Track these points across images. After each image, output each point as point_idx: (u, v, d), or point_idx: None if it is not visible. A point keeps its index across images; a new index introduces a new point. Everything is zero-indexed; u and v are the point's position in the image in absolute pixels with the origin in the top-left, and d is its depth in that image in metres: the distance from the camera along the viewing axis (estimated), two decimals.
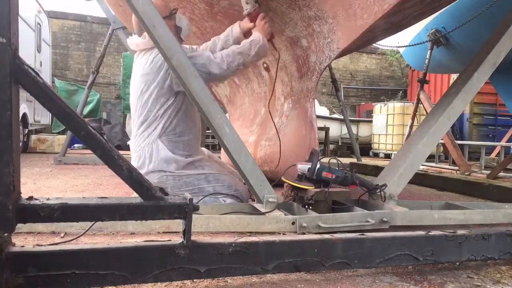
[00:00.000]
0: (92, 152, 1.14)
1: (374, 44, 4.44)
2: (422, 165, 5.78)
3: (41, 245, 1.21)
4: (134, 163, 2.38)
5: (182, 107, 2.37)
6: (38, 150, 7.27)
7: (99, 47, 11.61)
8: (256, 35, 2.40)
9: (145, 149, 2.34)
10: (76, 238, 1.59)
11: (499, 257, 1.60)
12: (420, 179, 4.15)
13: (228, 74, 2.35)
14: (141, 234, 1.79)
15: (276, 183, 2.33)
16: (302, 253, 1.33)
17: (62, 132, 9.25)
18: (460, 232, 1.56)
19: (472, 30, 4.32)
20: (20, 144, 3.71)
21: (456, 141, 5.44)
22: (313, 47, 2.70)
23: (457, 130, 9.84)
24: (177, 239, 1.20)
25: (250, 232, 1.84)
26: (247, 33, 2.50)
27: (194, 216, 1.28)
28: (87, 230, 1.56)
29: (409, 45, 5.68)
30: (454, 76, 8.65)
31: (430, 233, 1.52)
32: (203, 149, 2.70)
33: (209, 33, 3.28)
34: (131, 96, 2.50)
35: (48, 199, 1.08)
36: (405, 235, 1.50)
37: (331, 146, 9.60)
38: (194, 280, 1.29)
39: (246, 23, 2.49)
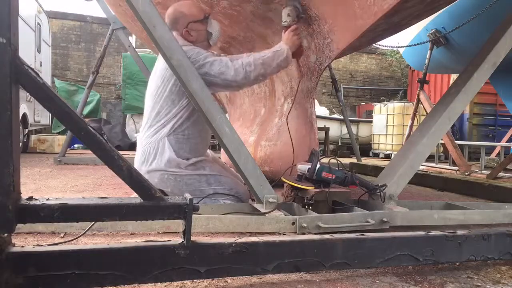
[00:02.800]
0: (92, 152, 1.14)
1: (374, 44, 4.44)
2: (422, 165, 5.79)
3: (41, 245, 1.20)
4: (138, 158, 2.38)
5: (195, 110, 2.33)
6: (38, 150, 7.27)
7: (99, 47, 11.61)
8: (282, 46, 2.31)
9: (151, 146, 2.33)
10: (76, 238, 1.59)
11: (499, 257, 1.60)
12: (420, 179, 4.15)
13: (246, 83, 2.27)
14: (141, 234, 1.79)
15: (276, 184, 2.33)
16: (302, 253, 1.33)
17: (62, 132, 9.26)
18: (460, 232, 1.56)
19: (472, 30, 4.32)
20: (20, 144, 3.71)
21: (456, 141, 5.45)
22: (313, 47, 2.70)
23: (457, 131, 9.85)
24: (177, 239, 1.20)
25: (250, 232, 1.84)
26: None
27: (194, 216, 1.28)
28: (87, 231, 1.56)
29: (409, 45, 5.69)
30: (454, 76, 8.65)
31: (430, 233, 1.52)
32: (208, 151, 2.69)
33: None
34: (148, 89, 2.48)
35: (48, 199, 1.08)
36: (405, 235, 1.50)
37: (331, 146, 9.60)
38: (194, 280, 1.29)
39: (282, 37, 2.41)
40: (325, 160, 2.34)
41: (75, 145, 8.16)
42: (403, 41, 5.88)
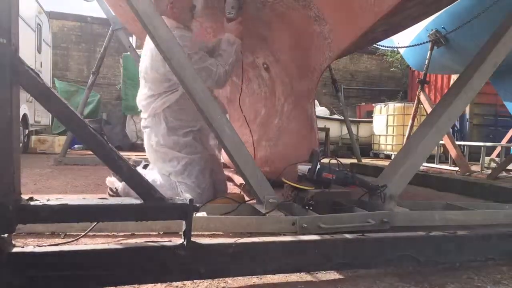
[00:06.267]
0: (92, 153, 1.14)
1: (374, 45, 4.44)
2: (423, 165, 5.78)
3: (42, 246, 1.20)
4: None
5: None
6: (39, 150, 7.27)
7: (99, 47, 11.57)
8: (235, 40, 2.51)
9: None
10: (76, 239, 1.59)
11: (500, 257, 1.59)
12: (420, 179, 4.14)
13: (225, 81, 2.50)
14: (141, 235, 1.78)
15: (276, 184, 2.33)
16: (302, 253, 1.33)
17: (62, 133, 9.24)
18: (460, 232, 1.56)
19: (472, 31, 4.32)
20: (20, 144, 3.71)
21: (456, 142, 5.44)
22: (313, 48, 2.70)
23: (457, 131, 9.85)
24: (178, 240, 1.20)
25: (251, 233, 1.84)
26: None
27: (194, 216, 1.28)
28: (88, 231, 1.56)
29: (409, 46, 5.69)
30: (454, 77, 8.65)
31: (430, 234, 1.52)
32: None
33: (210, 33, 3.28)
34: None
35: (48, 200, 1.08)
36: (405, 236, 1.50)
37: (331, 147, 9.59)
38: (195, 280, 1.28)
39: (228, 28, 2.57)
40: (325, 160, 2.34)
41: (76, 146, 8.16)
42: (403, 41, 5.88)
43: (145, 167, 2.69)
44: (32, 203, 1.05)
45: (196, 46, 2.38)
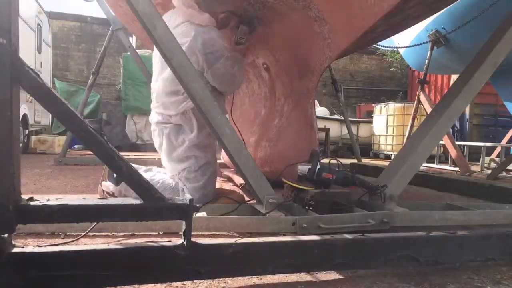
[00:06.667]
0: (92, 153, 1.14)
1: (374, 45, 4.44)
2: (423, 165, 5.78)
3: (42, 246, 1.20)
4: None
5: None
6: (39, 151, 7.27)
7: (100, 48, 11.58)
8: (241, 59, 2.62)
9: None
10: (76, 239, 1.59)
11: (500, 257, 1.59)
12: (420, 179, 4.13)
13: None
14: (141, 235, 1.78)
15: (276, 184, 2.33)
16: (302, 253, 1.33)
17: (62, 133, 9.24)
18: (460, 232, 1.56)
19: (472, 31, 4.32)
20: (20, 145, 3.70)
21: (456, 142, 5.45)
22: (313, 48, 2.70)
23: (457, 131, 9.85)
24: (177, 240, 1.20)
25: (251, 233, 1.84)
26: None
27: (194, 216, 1.28)
28: (88, 232, 1.56)
29: (410, 46, 5.69)
30: (454, 77, 8.65)
31: (430, 234, 1.52)
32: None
33: None
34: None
35: (48, 200, 1.08)
36: (405, 236, 1.50)
37: (331, 147, 9.59)
38: (194, 281, 1.29)
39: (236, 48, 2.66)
40: (325, 160, 2.34)
41: (76, 146, 8.16)
42: (403, 41, 5.89)
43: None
44: (32, 203, 1.05)
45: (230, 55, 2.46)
